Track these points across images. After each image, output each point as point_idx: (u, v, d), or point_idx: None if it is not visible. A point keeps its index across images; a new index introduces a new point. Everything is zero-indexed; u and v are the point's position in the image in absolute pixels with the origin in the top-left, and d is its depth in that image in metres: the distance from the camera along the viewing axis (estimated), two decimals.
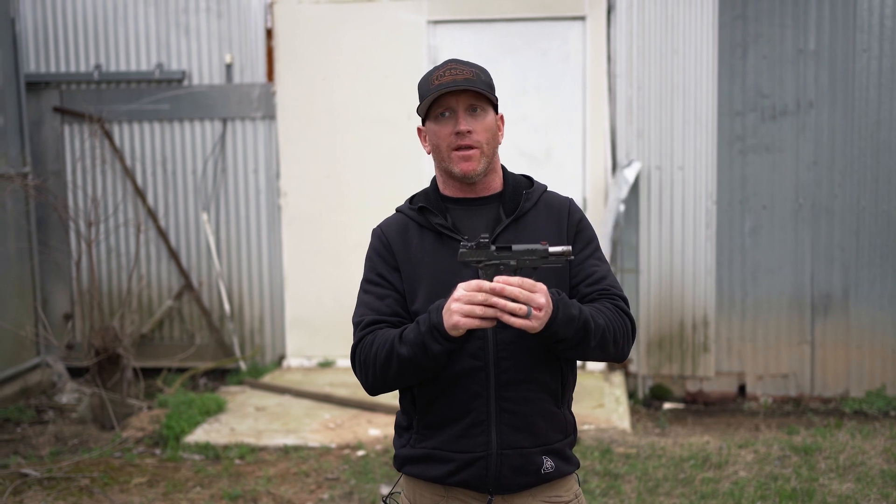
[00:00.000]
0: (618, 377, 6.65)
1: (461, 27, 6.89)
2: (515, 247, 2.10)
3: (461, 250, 2.09)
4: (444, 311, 2.06)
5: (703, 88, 6.57)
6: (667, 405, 6.66)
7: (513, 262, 2.08)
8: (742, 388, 6.81)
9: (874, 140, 6.57)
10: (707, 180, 6.61)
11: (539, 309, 2.00)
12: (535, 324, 2.00)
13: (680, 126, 6.62)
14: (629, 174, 6.43)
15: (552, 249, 2.10)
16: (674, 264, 6.65)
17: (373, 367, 2.19)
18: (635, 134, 6.66)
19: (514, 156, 6.73)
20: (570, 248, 2.12)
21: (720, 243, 6.70)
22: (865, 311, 6.66)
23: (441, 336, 2.07)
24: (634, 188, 6.59)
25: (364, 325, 2.24)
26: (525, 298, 1.99)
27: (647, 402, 6.70)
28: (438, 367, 2.15)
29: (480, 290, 2.00)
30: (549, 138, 6.87)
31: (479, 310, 2.00)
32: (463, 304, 2.01)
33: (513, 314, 1.99)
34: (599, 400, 6.14)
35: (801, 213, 6.65)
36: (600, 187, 6.76)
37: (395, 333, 2.16)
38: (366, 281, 2.31)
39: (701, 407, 6.71)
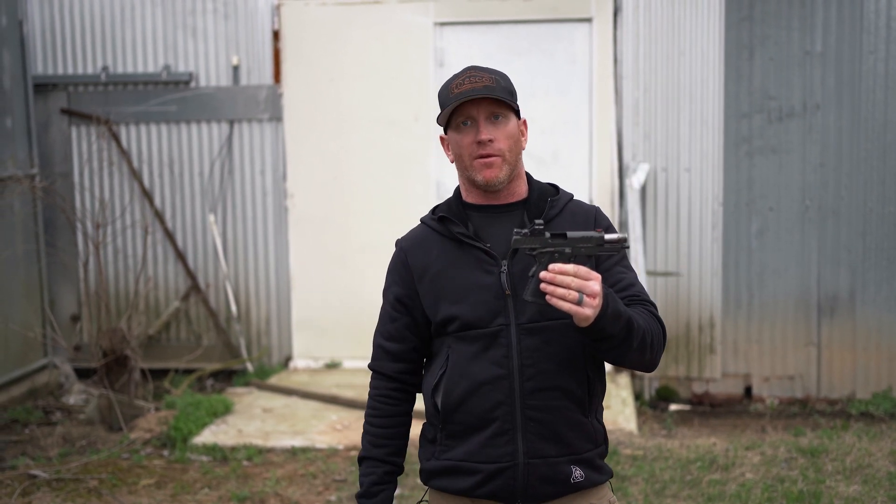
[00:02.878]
0: (624, 378, 6.65)
1: (468, 29, 6.90)
2: (570, 234, 2.06)
3: (515, 237, 2.05)
4: None
5: (710, 90, 6.57)
6: (673, 407, 6.66)
7: (567, 250, 2.04)
8: (748, 390, 6.81)
9: (881, 142, 6.56)
10: (713, 182, 6.61)
11: (593, 297, 1.96)
12: (588, 311, 1.96)
13: (686, 128, 6.62)
14: (640, 177, 6.45)
15: (608, 237, 2.07)
16: (680, 266, 6.65)
17: (362, 435, 2.37)
18: (642, 136, 6.67)
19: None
20: (625, 235, 2.13)
21: (726, 245, 6.70)
22: (872, 313, 6.65)
23: None
24: (641, 190, 6.59)
25: (374, 351, 2.36)
26: (578, 286, 1.95)
27: (653, 403, 6.70)
28: None
29: None
30: (556, 140, 6.88)
31: None
32: None
33: (563, 299, 1.96)
34: (606, 401, 6.10)
35: (807, 215, 6.65)
36: (607, 189, 6.77)
37: (363, 455, 2.33)
38: (384, 296, 2.36)
39: (707, 408, 6.71)
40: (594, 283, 1.97)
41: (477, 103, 2.18)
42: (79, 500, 4.85)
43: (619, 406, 6.09)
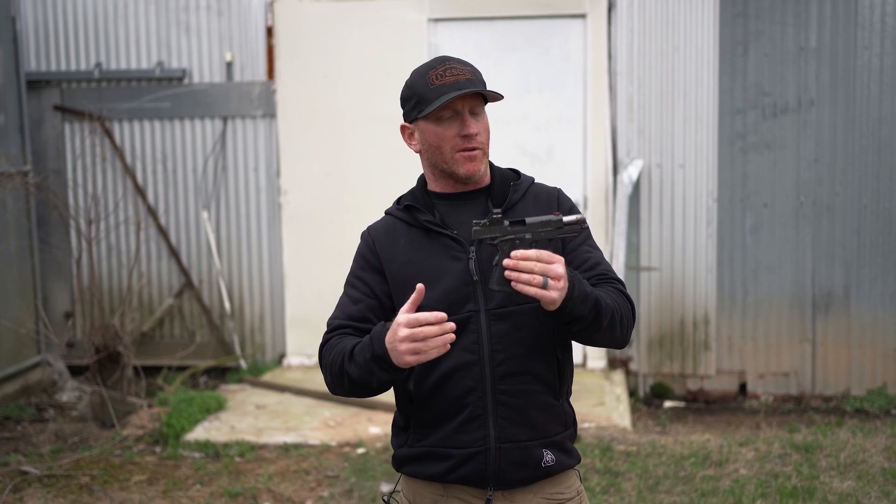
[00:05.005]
0: (618, 375, 6.64)
1: (462, 25, 6.88)
2: (529, 220, 2.08)
3: (475, 228, 2.07)
4: (389, 344, 2.03)
5: (704, 86, 6.56)
6: (667, 403, 6.65)
7: (528, 236, 2.06)
8: (743, 387, 6.80)
9: (875, 138, 6.56)
10: (708, 178, 6.60)
11: (558, 279, 1.99)
12: (554, 294, 1.98)
13: (681, 124, 6.61)
14: (632, 172, 6.44)
15: (566, 219, 2.09)
16: (674, 262, 6.65)
17: (330, 373, 2.22)
18: (636, 132, 6.66)
19: (516, 155, 6.72)
20: (583, 216, 2.12)
21: (721, 241, 6.69)
22: (867, 310, 6.64)
23: (388, 366, 2.07)
24: (635, 186, 6.58)
25: (331, 328, 2.28)
26: (541, 270, 1.97)
27: (647, 400, 6.69)
28: (388, 387, 2.17)
29: (419, 323, 1.98)
30: (551, 137, 6.87)
31: (428, 344, 1.99)
32: (411, 344, 1.99)
33: (528, 284, 1.97)
34: (600, 398, 6.14)
35: (802, 211, 6.64)
36: (601, 185, 6.75)
37: (349, 348, 2.16)
38: (347, 282, 2.35)
39: (702, 405, 6.70)
40: (557, 265, 1.99)
41: (462, 97, 2.20)
42: (70, 496, 4.83)
43: (613, 402, 6.08)
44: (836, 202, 6.61)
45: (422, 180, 2.36)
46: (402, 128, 2.33)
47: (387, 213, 2.36)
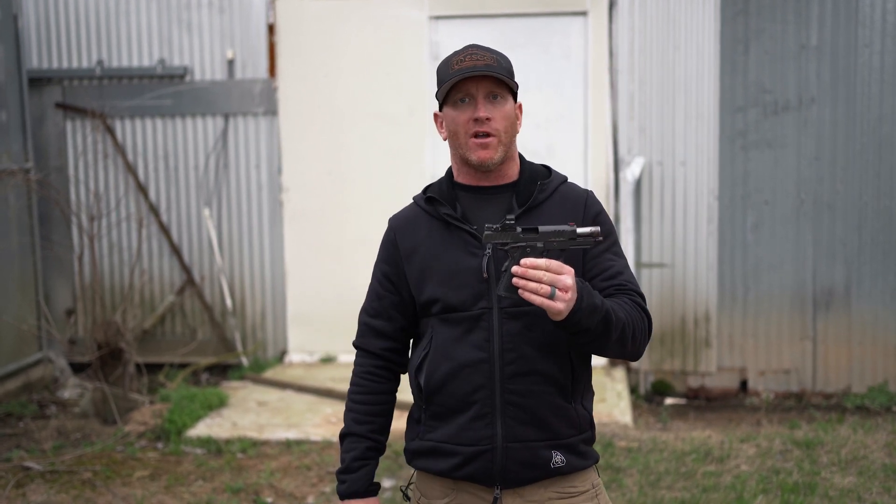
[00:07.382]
0: (619, 372, 6.65)
1: (462, 23, 6.89)
2: (542, 228, 2.05)
3: (486, 232, 2.06)
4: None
5: (705, 84, 6.57)
6: (668, 400, 6.66)
7: (539, 244, 2.04)
8: (744, 384, 6.81)
9: (876, 135, 6.56)
10: (709, 176, 6.61)
11: (566, 291, 1.96)
12: (560, 305, 1.95)
13: (681, 121, 6.62)
14: (635, 170, 6.45)
15: (580, 230, 2.06)
16: (675, 260, 6.65)
17: (345, 413, 2.37)
18: (637, 129, 6.66)
19: None
20: (598, 228, 2.08)
21: (722, 239, 6.69)
22: (867, 307, 6.65)
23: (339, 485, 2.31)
24: (637, 184, 6.59)
25: (359, 332, 2.38)
26: (550, 280, 1.95)
27: (648, 397, 6.70)
28: None
29: None
30: (551, 134, 6.87)
31: None
32: None
33: (535, 293, 1.95)
34: (601, 395, 6.15)
35: (802, 209, 6.65)
36: (602, 183, 6.76)
37: (345, 431, 2.32)
38: (374, 270, 2.35)
39: (702, 402, 6.71)
40: (566, 276, 1.97)
41: (477, 81, 2.16)
42: (72, 491, 4.84)
43: (614, 399, 6.09)
44: (836, 200, 6.62)
45: (449, 171, 2.32)
46: (435, 116, 2.29)
47: (413, 200, 2.34)
